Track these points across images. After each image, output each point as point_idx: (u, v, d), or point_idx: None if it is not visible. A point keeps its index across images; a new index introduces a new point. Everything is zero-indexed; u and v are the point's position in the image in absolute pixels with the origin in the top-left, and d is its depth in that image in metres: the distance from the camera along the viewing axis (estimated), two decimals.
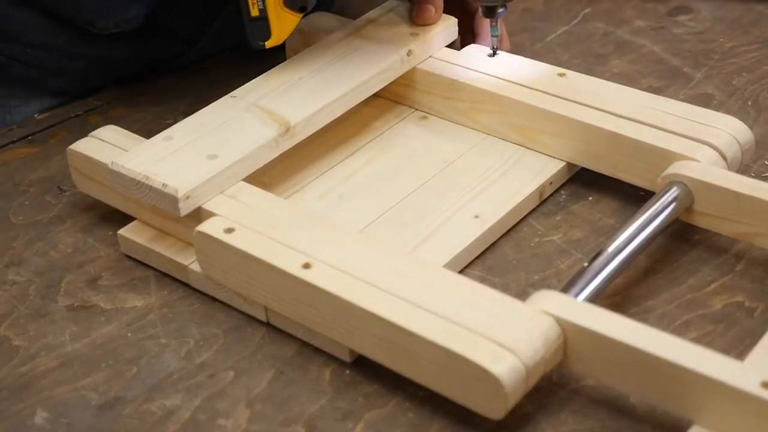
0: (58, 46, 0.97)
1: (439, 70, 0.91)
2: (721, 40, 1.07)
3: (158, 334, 0.75)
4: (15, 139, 0.96)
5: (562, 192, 0.86)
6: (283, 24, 0.85)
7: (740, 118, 0.84)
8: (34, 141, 0.96)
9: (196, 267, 0.77)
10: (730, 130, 0.81)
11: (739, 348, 0.71)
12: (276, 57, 0.92)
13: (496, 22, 0.90)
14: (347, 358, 0.72)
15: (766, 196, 0.75)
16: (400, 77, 0.91)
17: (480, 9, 0.90)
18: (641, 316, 0.74)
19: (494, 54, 0.91)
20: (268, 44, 0.85)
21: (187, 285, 0.79)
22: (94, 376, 0.72)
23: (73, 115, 0.99)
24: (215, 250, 0.74)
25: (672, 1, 1.14)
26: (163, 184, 0.75)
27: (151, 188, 0.75)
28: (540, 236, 0.82)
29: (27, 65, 0.98)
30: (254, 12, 0.83)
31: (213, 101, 0.85)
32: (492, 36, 0.91)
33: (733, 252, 0.80)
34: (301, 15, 0.85)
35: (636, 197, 0.83)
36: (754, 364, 0.65)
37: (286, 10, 0.84)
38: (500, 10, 0.88)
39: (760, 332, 0.69)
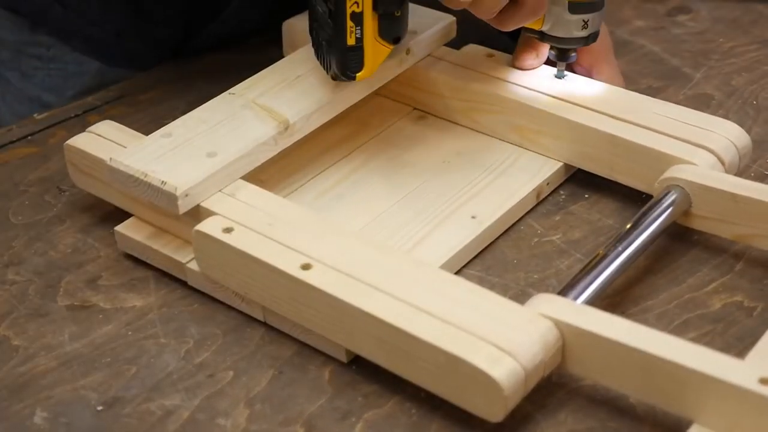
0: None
1: (437, 69, 0.91)
2: (721, 40, 1.07)
3: (157, 333, 0.75)
4: (14, 139, 0.96)
5: (561, 192, 0.86)
6: (376, 55, 0.80)
7: (739, 119, 0.84)
8: (33, 141, 0.95)
9: (193, 265, 0.77)
10: (728, 135, 0.81)
11: (738, 347, 0.72)
12: (274, 55, 0.92)
13: (564, 65, 0.88)
14: (344, 359, 0.72)
15: (764, 197, 0.75)
16: (399, 76, 0.90)
17: (552, 50, 0.87)
18: (640, 316, 0.74)
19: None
20: (360, 76, 0.80)
21: (186, 285, 0.79)
22: (93, 376, 0.72)
23: (72, 115, 0.99)
24: (214, 249, 0.74)
25: (671, 1, 1.13)
26: (162, 182, 0.75)
27: (149, 185, 0.75)
28: (539, 236, 0.82)
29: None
30: (351, 41, 0.78)
31: None
32: (557, 77, 0.88)
33: (732, 252, 0.80)
34: (392, 46, 0.80)
35: (635, 197, 0.83)
36: (753, 362, 0.65)
37: (380, 40, 0.79)
38: (573, 54, 0.86)
39: (760, 332, 0.70)
